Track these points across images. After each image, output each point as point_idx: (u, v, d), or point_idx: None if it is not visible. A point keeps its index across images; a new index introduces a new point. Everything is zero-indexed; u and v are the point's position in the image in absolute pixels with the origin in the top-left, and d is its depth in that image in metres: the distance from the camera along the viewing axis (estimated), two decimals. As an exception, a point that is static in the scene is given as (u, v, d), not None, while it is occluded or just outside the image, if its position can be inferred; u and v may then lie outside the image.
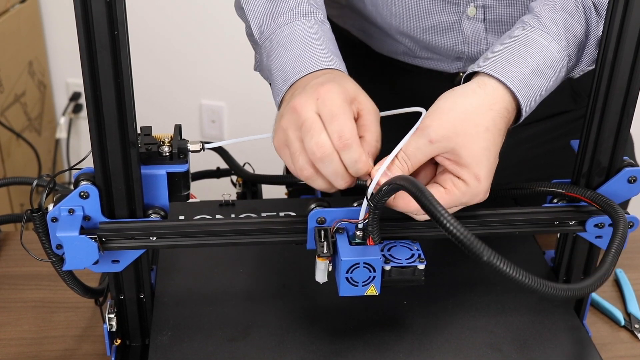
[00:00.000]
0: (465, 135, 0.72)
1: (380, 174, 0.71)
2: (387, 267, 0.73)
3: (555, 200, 0.81)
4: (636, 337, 0.92)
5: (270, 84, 0.86)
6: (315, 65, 0.80)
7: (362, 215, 0.73)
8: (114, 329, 0.81)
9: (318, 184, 0.74)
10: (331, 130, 0.70)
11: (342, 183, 0.73)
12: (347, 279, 0.72)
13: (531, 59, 0.77)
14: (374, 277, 0.72)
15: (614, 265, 0.68)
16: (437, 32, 0.99)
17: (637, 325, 0.93)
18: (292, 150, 0.73)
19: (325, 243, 0.73)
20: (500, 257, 0.61)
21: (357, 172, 0.72)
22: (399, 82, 1.10)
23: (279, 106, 0.81)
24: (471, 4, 0.95)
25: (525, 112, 0.77)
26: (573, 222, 0.79)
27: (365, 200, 0.72)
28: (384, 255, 0.74)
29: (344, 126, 0.70)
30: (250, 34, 0.90)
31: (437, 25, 0.98)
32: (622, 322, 0.94)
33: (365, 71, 1.10)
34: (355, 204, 0.75)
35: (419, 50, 1.03)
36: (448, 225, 0.61)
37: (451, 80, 1.04)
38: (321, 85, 0.73)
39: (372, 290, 0.73)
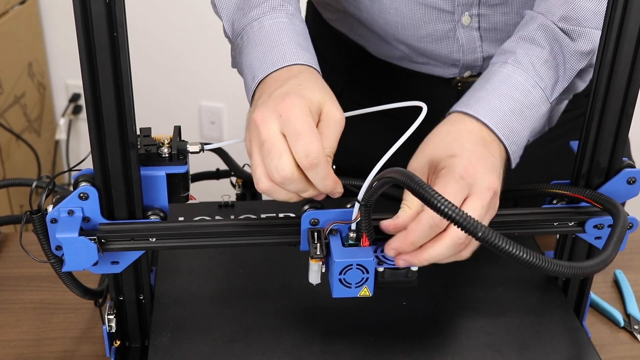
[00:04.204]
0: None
1: (372, 176, 0.71)
2: (380, 269, 0.73)
3: (554, 202, 0.81)
4: (636, 338, 0.92)
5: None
6: (282, 61, 0.78)
7: (354, 215, 0.73)
8: (113, 330, 0.81)
9: (279, 196, 0.72)
10: (297, 150, 0.69)
11: (308, 195, 0.72)
12: (340, 280, 0.72)
13: (486, 83, 0.81)
14: (367, 278, 0.72)
15: (616, 251, 0.68)
16: (432, 40, 0.99)
17: (636, 327, 0.93)
18: (252, 162, 0.72)
19: (319, 244, 0.73)
20: (496, 233, 0.60)
21: (325, 188, 0.71)
22: (395, 85, 1.10)
23: (251, 103, 0.80)
24: (466, 12, 0.96)
25: (489, 118, 0.78)
26: (572, 223, 0.79)
27: (356, 202, 0.72)
28: (377, 257, 0.73)
29: (310, 145, 0.68)
30: (224, 32, 0.89)
31: (432, 34, 0.98)
32: (622, 323, 0.94)
33: (362, 74, 1.10)
34: (348, 206, 0.75)
35: (416, 56, 1.03)
36: (439, 205, 0.61)
37: (448, 84, 1.04)
38: (283, 98, 0.71)
39: (366, 291, 0.73)
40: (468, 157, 0.73)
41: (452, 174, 0.72)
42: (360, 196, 0.71)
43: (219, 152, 1.03)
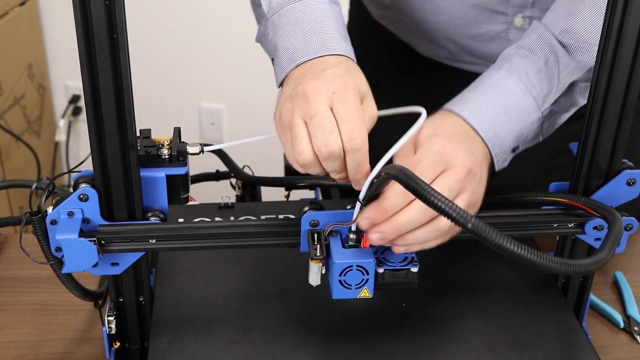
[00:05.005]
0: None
1: (373, 177, 0.71)
2: (380, 270, 0.73)
3: (554, 203, 0.81)
4: (635, 339, 0.92)
5: (272, 59, 0.84)
6: (325, 50, 0.78)
7: (354, 216, 0.73)
8: (113, 332, 0.81)
9: (313, 171, 0.72)
10: (344, 131, 0.69)
11: (337, 177, 0.72)
12: (340, 281, 0.72)
13: (478, 86, 0.82)
14: (367, 279, 0.72)
15: (612, 254, 0.68)
16: (483, 40, 1.00)
17: (636, 328, 0.93)
18: (295, 133, 0.70)
19: (318, 246, 0.73)
20: (487, 226, 0.59)
21: (354, 176, 0.71)
22: (441, 83, 1.09)
23: (281, 84, 0.80)
24: (519, 14, 0.96)
25: (472, 118, 0.79)
26: (572, 224, 0.79)
27: (357, 202, 0.72)
28: (377, 258, 0.73)
29: (357, 130, 0.69)
30: (256, 4, 0.87)
31: (484, 34, 0.99)
32: (622, 325, 0.94)
33: (408, 71, 1.10)
34: (348, 207, 0.75)
35: (463, 56, 1.03)
36: (432, 199, 0.61)
37: None
38: (339, 77, 0.71)
39: (365, 293, 0.73)
40: (448, 137, 0.74)
41: (429, 148, 0.73)
42: (361, 196, 0.71)
43: (219, 153, 1.03)
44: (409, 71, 1.10)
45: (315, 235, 0.74)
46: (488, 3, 0.96)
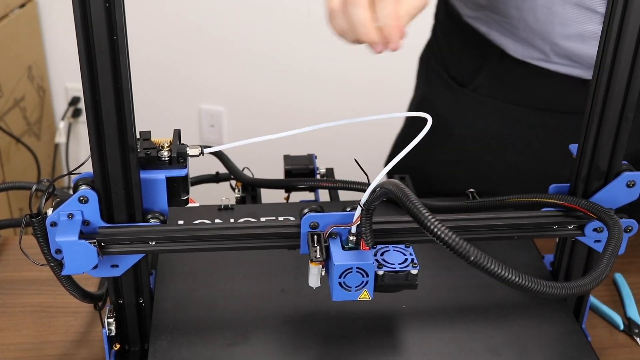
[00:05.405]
0: None
1: (377, 181, 0.71)
2: (380, 272, 0.73)
3: (554, 205, 0.81)
4: (635, 341, 0.92)
5: None
6: None
7: (354, 218, 0.73)
8: (113, 334, 0.81)
9: (338, 22, 0.74)
10: None
11: (363, 34, 0.72)
12: (340, 283, 0.72)
13: None
14: (367, 281, 0.72)
15: (609, 267, 0.68)
16: (580, 40, 0.99)
17: (636, 330, 0.93)
18: None
19: (318, 248, 0.73)
20: (487, 256, 0.61)
21: (386, 27, 0.71)
22: (531, 84, 1.09)
23: None
24: None
25: None
26: (572, 226, 0.79)
27: (358, 206, 0.72)
28: (377, 260, 0.73)
29: None
30: None
31: (582, 34, 0.99)
32: (622, 327, 0.94)
33: (497, 72, 1.10)
34: (348, 209, 0.75)
35: (556, 57, 1.03)
36: (433, 228, 0.62)
37: (583, 84, 1.04)
38: None
39: (365, 295, 0.73)
40: None
41: None
42: (363, 200, 0.71)
43: (219, 155, 1.03)
44: (497, 72, 1.10)
45: (315, 237, 0.74)
46: (589, 2, 0.95)
